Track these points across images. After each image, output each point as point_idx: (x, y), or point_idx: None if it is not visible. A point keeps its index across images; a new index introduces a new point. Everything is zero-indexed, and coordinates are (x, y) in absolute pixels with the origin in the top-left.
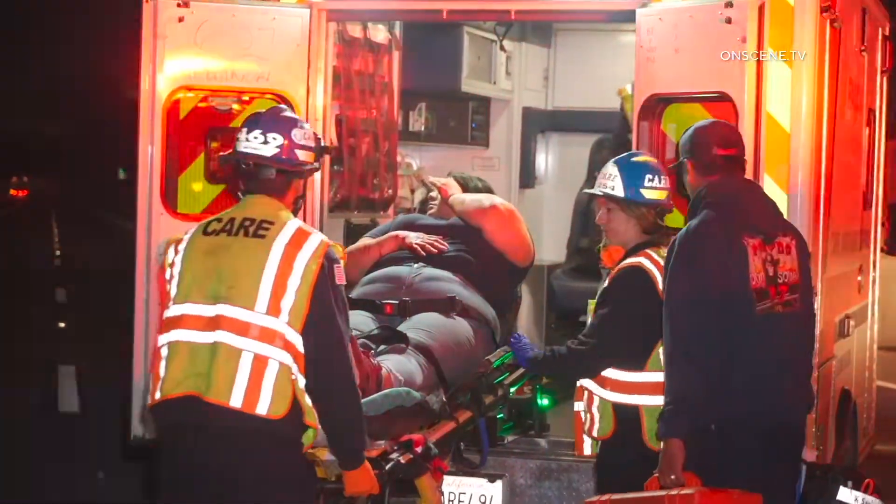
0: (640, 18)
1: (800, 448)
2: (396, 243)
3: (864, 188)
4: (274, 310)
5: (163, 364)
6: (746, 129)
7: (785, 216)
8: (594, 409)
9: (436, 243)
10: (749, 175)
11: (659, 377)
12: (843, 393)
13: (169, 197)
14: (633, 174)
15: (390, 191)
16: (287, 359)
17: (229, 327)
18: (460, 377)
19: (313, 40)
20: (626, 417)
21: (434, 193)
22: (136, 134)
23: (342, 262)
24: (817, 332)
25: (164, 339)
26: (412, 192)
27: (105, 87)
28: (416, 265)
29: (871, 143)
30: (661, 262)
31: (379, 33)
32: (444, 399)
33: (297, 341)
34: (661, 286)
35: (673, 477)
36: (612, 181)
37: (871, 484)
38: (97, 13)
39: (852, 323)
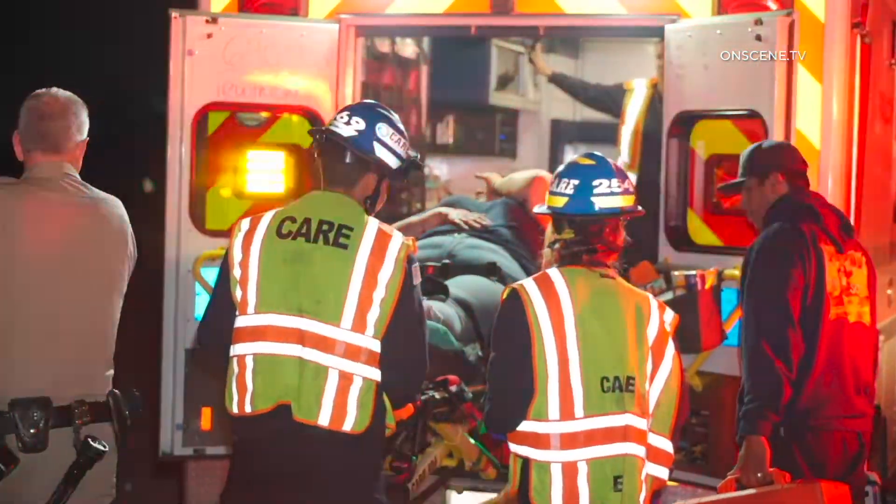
0: (669, 35)
1: (862, 460)
2: (439, 219)
3: (893, 200)
4: (360, 325)
5: (249, 375)
6: None
7: None
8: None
9: (478, 220)
10: None
11: (544, 428)
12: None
13: (197, 213)
14: None
15: (419, 204)
16: (370, 372)
17: (315, 344)
18: None
19: (342, 56)
20: (523, 470)
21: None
22: (165, 149)
23: (416, 259)
24: None
25: (248, 348)
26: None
27: (129, 99)
28: (459, 235)
29: None
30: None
31: (407, 48)
32: (479, 353)
33: (379, 348)
34: (534, 314)
35: (760, 475)
36: None
37: None
38: (126, 26)
39: (882, 337)
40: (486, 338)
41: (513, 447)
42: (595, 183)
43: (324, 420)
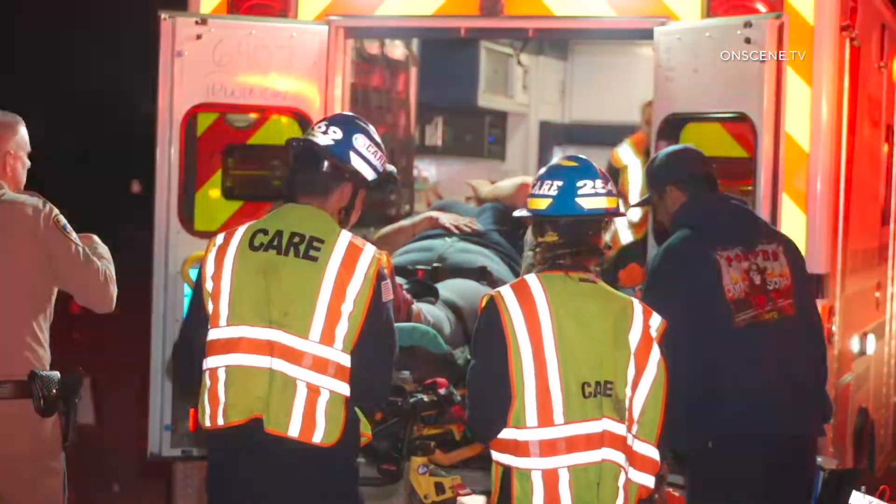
0: (658, 37)
1: (806, 459)
2: (430, 223)
3: (882, 204)
4: (328, 338)
5: (221, 387)
6: (765, 149)
7: (803, 236)
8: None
9: (469, 224)
10: (767, 194)
11: (523, 436)
12: (861, 411)
13: (186, 214)
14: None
15: (407, 206)
16: (338, 386)
17: (283, 355)
18: None
19: (331, 57)
20: (504, 478)
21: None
22: (154, 151)
23: (387, 275)
24: (837, 349)
25: (221, 360)
26: (429, 206)
27: (118, 100)
28: (449, 239)
29: (890, 159)
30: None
31: (396, 49)
32: (468, 357)
33: (348, 363)
34: (510, 322)
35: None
36: None
37: (886, 490)
38: (115, 27)
39: (872, 340)
40: None
41: (494, 455)
42: (579, 184)
43: (294, 431)
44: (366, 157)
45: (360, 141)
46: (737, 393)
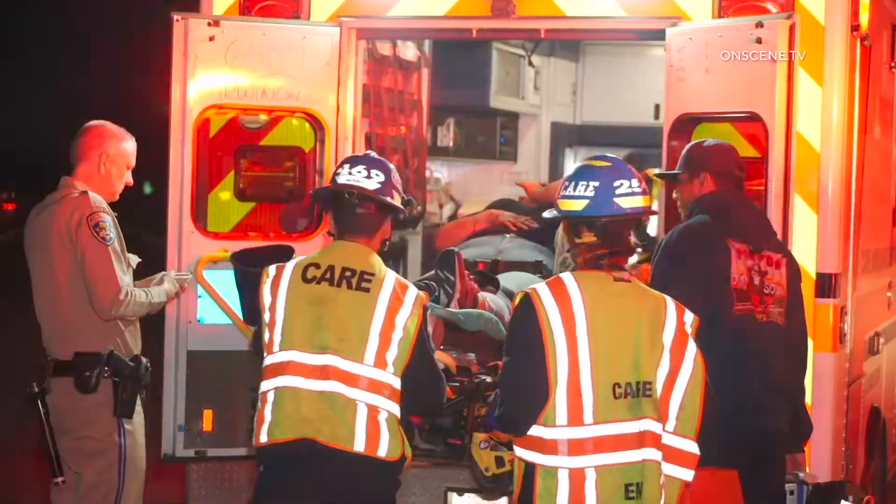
0: (670, 38)
1: (775, 461)
2: (490, 220)
3: (893, 204)
4: (381, 362)
5: (268, 408)
6: (776, 149)
7: (814, 235)
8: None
9: (526, 222)
10: (779, 194)
11: (551, 434)
12: (873, 411)
13: (199, 215)
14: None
15: (419, 207)
16: (393, 408)
17: (340, 378)
18: None
19: (343, 58)
20: (527, 476)
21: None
22: (167, 152)
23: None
24: (848, 349)
25: (270, 384)
26: (441, 207)
27: (131, 102)
28: (508, 235)
29: None
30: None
31: (408, 50)
32: None
33: (399, 385)
34: (546, 319)
35: None
36: None
37: (871, 500)
38: (128, 29)
39: (882, 340)
40: None
41: (518, 452)
42: (616, 184)
43: (359, 446)
44: (400, 192)
45: (395, 177)
46: (720, 378)
